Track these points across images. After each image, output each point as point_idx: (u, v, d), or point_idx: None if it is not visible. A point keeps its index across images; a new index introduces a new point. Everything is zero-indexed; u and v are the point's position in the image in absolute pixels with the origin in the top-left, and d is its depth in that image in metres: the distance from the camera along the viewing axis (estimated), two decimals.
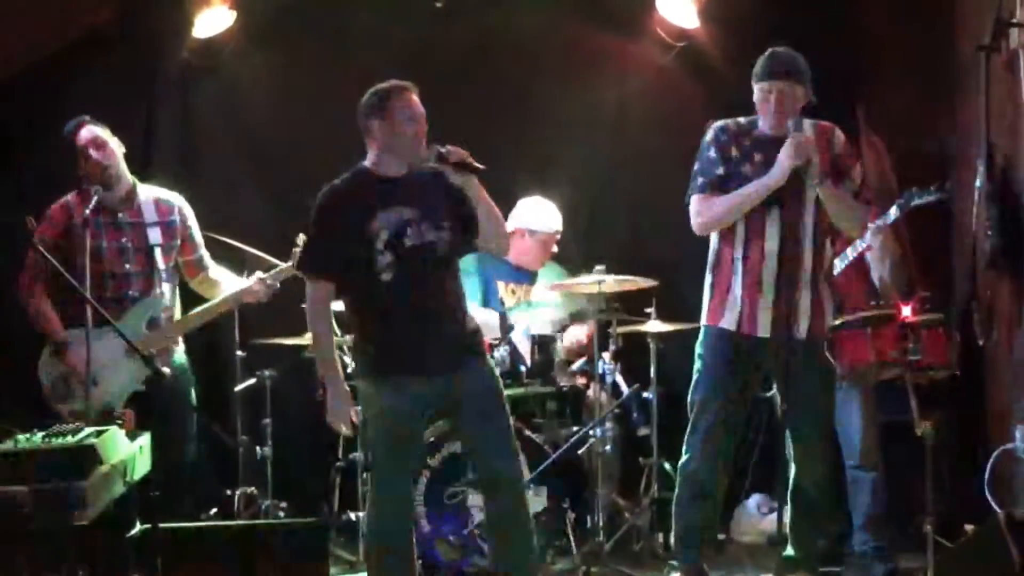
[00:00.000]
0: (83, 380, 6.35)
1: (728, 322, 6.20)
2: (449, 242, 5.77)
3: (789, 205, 6.12)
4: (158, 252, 6.58)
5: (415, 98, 5.81)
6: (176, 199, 6.77)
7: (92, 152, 6.50)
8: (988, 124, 6.73)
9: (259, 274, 6.70)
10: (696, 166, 6.27)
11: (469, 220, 5.83)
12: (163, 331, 6.55)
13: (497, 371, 6.02)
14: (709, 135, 6.27)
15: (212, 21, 8.24)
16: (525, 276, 7.91)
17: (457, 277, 5.93)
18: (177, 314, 6.72)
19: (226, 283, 6.77)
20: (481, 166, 5.72)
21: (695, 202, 6.24)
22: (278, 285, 6.76)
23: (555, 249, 7.92)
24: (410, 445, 5.85)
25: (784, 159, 6.00)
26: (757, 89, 6.18)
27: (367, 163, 5.85)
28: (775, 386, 6.48)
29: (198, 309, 6.71)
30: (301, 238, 6.62)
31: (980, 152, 6.75)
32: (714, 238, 6.31)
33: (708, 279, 6.32)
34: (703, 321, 6.33)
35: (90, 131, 6.53)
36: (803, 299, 6.11)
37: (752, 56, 6.17)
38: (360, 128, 5.84)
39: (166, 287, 6.58)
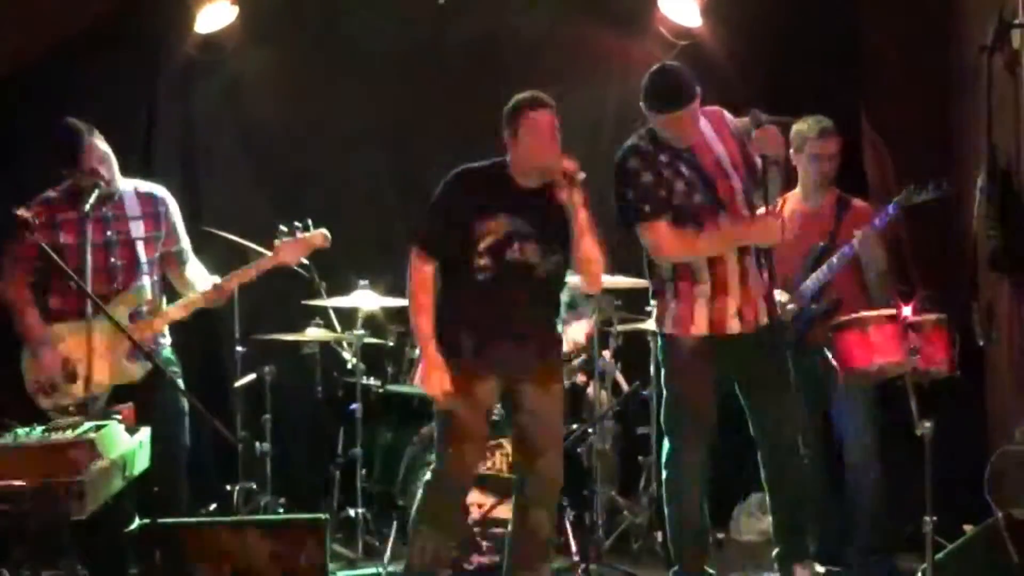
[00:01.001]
0: (66, 375, 6.37)
1: (700, 327, 6.16)
2: (554, 266, 5.84)
3: (732, 203, 6.11)
4: (141, 245, 6.54)
5: (544, 117, 5.85)
6: (160, 191, 6.69)
7: (102, 170, 6.45)
8: (990, 125, 6.73)
9: (215, 279, 6.63)
10: (630, 195, 6.14)
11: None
12: (145, 324, 6.52)
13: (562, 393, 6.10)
14: (632, 162, 6.15)
15: (214, 17, 8.24)
16: None
17: (555, 302, 5.99)
18: (163, 306, 6.67)
19: (198, 282, 6.69)
20: (579, 176, 5.73)
21: (655, 230, 6.09)
22: (230, 291, 6.68)
23: None
24: (475, 450, 5.95)
25: (760, 237, 6.05)
26: (659, 119, 6.07)
27: (508, 158, 5.86)
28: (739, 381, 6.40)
29: (175, 304, 6.64)
30: (282, 229, 6.62)
31: (982, 153, 6.75)
32: None
33: (669, 288, 6.22)
34: (667, 330, 6.24)
35: (95, 147, 6.44)
36: (756, 289, 6.14)
37: (754, 54, 6.17)
38: None
39: (148, 279, 6.54)
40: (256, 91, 8.59)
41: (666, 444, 6.34)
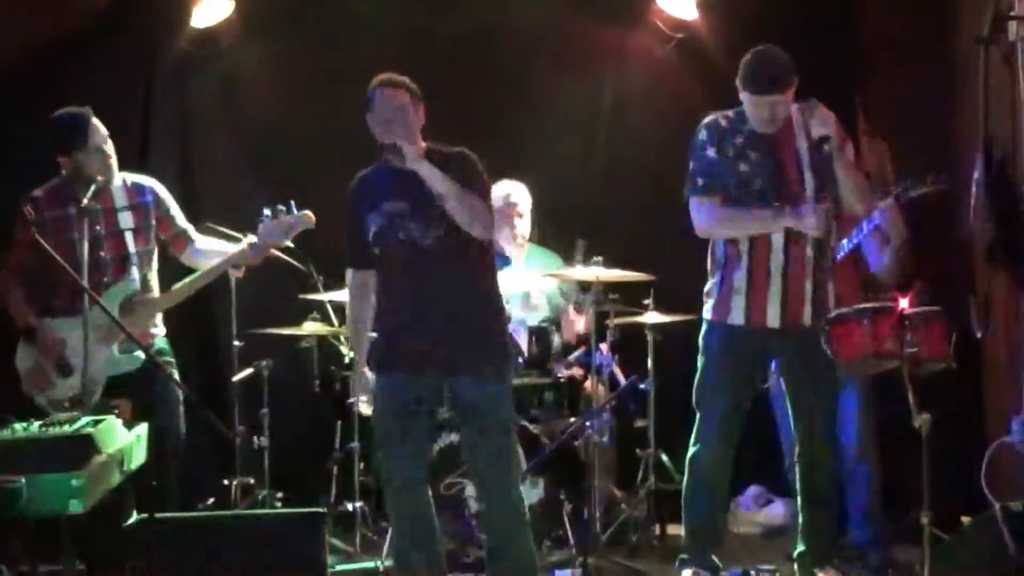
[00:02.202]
0: (57, 368, 6.39)
1: (736, 316, 6.20)
2: (442, 240, 5.68)
3: (789, 193, 6.13)
4: (129, 236, 6.56)
5: (388, 93, 5.80)
6: (147, 181, 6.71)
7: (107, 148, 6.48)
8: (986, 117, 6.73)
9: (250, 237, 6.62)
10: (692, 165, 6.24)
11: None
12: (138, 313, 6.53)
13: (506, 385, 5.91)
14: (703, 134, 6.23)
15: (210, 11, 8.24)
16: (504, 262, 7.84)
17: (468, 279, 5.80)
18: (155, 294, 6.68)
19: (214, 250, 6.70)
20: (407, 148, 5.62)
21: (698, 204, 6.20)
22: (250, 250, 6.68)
23: (519, 223, 7.85)
24: (403, 441, 5.82)
25: (812, 223, 6.03)
26: (748, 100, 6.13)
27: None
28: (774, 377, 6.49)
29: (175, 287, 6.66)
30: (266, 212, 6.63)
31: (978, 144, 6.74)
32: None
33: (716, 274, 6.30)
34: (708, 316, 6.32)
35: (99, 127, 6.47)
36: (807, 288, 6.14)
37: (751, 47, 6.15)
38: None
39: (137, 272, 6.56)
40: (252, 85, 8.59)
41: (696, 421, 6.39)
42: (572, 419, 7.36)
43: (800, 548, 6.42)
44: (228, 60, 8.52)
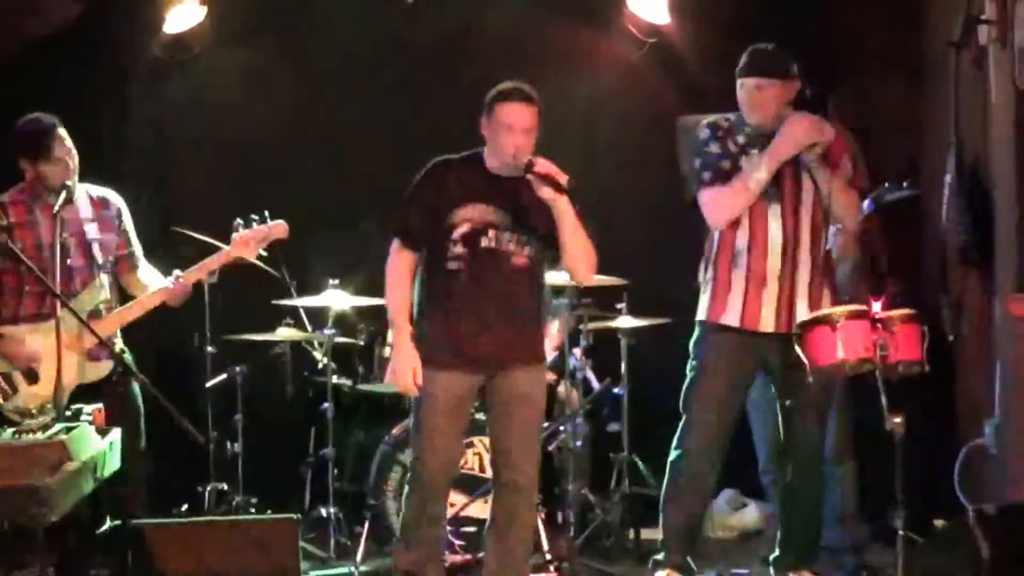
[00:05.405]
0: (23, 375, 6.29)
1: (730, 317, 6.18)
2: (529, 257, 5.79)
3: (788, 196, 6.13)
4: (96, 247, 6.52)
5: (520, 107, 5.76)
6: (113, 196, 6.66)
7: (70, 160, 6.43)
8: (957, 120, 6.75)
9: (176, 272, 6.61)
10: (697, 163, 6.22)
11: (556, 238, 5.80)
12: (103, 322, 6.48)
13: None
14: (705, 133, 6.23)
15: (182, 16, 8.22)
16: None
17: (536, 292, 5.93)
18: (115, 306, 6.67)
19: (152, 284, 6.67)
20: (565, 184, 5.64)
21: (708, 196, 6.17)
22: (190, 286, 6.65)
23: None
24: (449, 438, 5.87)
25: (788, 135, 6.02)
26: (743, 86, 6.16)
27: (484, 151, 5.85)
28: (768, 381, 6.42)
29: (131, 303, 6.62)
30: (239, 222, 6.60)
31: (950, 148, 6.77)
32: (715, 232, 6.29)
33: (708, 273, 6.28)
34: (701, 316, 6.29)
35: (63, 139, 6.43)
36: (802, 290, 6.13)
37: (723, 51, 6.21)
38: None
39: (105, 279, 6.52)
40: (226, 91, 8.57)
41: (681, 424, 6.36)
42: (546, 424, 7.36)
43: (777, 553, 6.41)
44: (200, 65, 8.50)
